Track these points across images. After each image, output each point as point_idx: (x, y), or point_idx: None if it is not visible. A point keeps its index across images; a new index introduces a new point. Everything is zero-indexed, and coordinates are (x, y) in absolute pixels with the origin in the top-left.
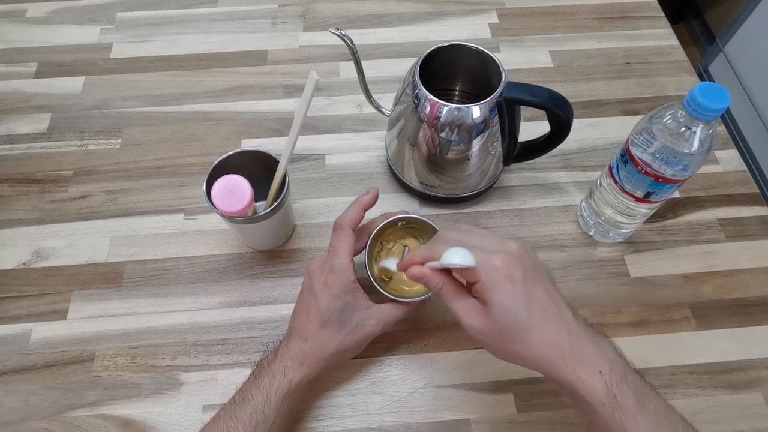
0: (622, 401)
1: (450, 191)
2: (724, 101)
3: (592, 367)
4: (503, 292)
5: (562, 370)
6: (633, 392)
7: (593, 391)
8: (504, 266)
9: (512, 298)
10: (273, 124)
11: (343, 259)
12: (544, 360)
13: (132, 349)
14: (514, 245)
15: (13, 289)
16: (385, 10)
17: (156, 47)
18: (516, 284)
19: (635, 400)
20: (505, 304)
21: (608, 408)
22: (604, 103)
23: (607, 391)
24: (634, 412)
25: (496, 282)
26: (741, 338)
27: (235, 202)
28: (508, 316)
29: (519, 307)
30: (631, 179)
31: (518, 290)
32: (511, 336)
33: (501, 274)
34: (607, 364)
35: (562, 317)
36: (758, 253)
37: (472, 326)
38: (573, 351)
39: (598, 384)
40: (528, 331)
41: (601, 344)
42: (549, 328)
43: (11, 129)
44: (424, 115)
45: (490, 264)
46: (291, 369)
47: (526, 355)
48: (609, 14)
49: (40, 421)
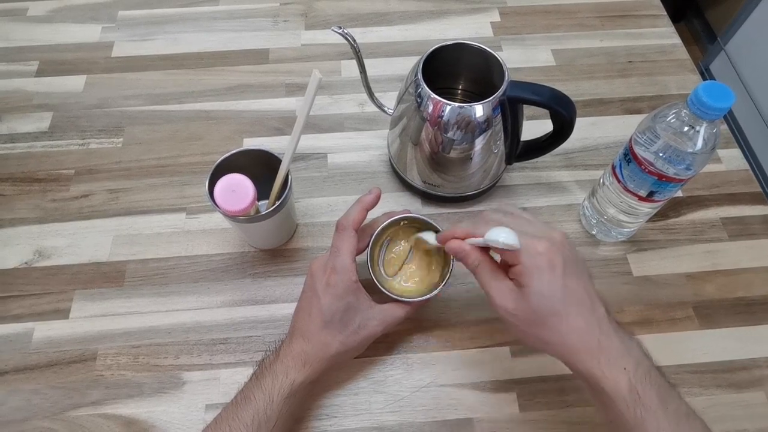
0: (645, 399)
1: (452, 190)
2: (729, 100)
3: (617, 363)
4: (543, 279)
5: (588, 362)
6: (656, 392)
7: (616, 387)
8: (547, 253)
9: (551, 285)
10: (275, 123)
11: (345, 260)
12: (572, 350)
13: (134, 349)
14: (559, 235)
15: (15, 289)
16: (386, 9)
17: (157, 46)
18: (556, 272)
19: (658, 399)
20: (543, 291)
21: (630, 405)
22: (607, 102)
23: (630, 388)
24: (655, 411)
25: (538, 267)
26: (744, 337)
27: (237, 201)
28: (543, 302)
29: (556, 296)
30: (635, 178)
31: (557, 279)
32: (542, 322)
33: (543, 260)
34: (633, 362)
35: (594, 311)
36: (761, 253)
37: (505, 307)
38: (601, 345)
39: (622, 380)
40: (561, 319)
41: (629, 343)
42: (581, 320)
43: (13, 128)
44: (427, 113)
45: (533, 248)
46: (293, 369)
47: (553, 343)
48: (611, 13)
49: (43, 421)
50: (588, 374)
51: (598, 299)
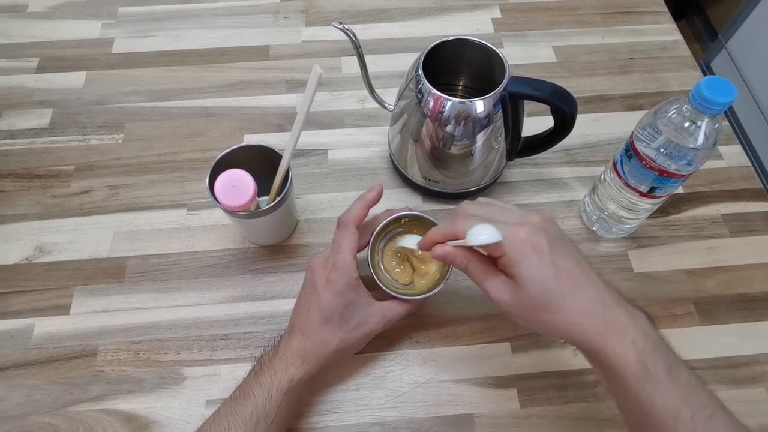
0: (654, 372)
1: (453, 186)
2: (730, 95)
3: (625, 336)
4: (531, 264)
5: (595, 338)
6: (665, 363)
7: (625, 361)
8: (529, 238)
9: (541, 269)
10: (275, 120)
11: (346, 257)
12: (576, 329)
13: (135, 344)
14: (537, 217)
15: (15, 284)
16: (387, 5)
17: (158, 42)
18: (543, 255)
19: (667, 371)
20: (534, 276)
21: (639, 378)
22: (608, 99)
23: (639, 361)
24: (664, 384)
25: (524, 254)
26: (745, 333)
27: (238, 197)
28: (537, 287)
29: (548, 278)
30: (636, 174)
31: (546, 261)
32: (543, 307)
33: (527, 246)
34: (641, 334)
35: (594, 286)
36: (762, 249)
37: (503, 300)
38: (607, 320)
39: (631, 354)
40: (560, 300)
41: (635, 314)
42: (581, 298)
43: (13, 124)
44: (428, 109)
45: (515, 237)
46: (292, 365)
47: (558, 325)
48: (612, 9)
49: (44, 416)
50: (596, 351)
51: (593, 272)
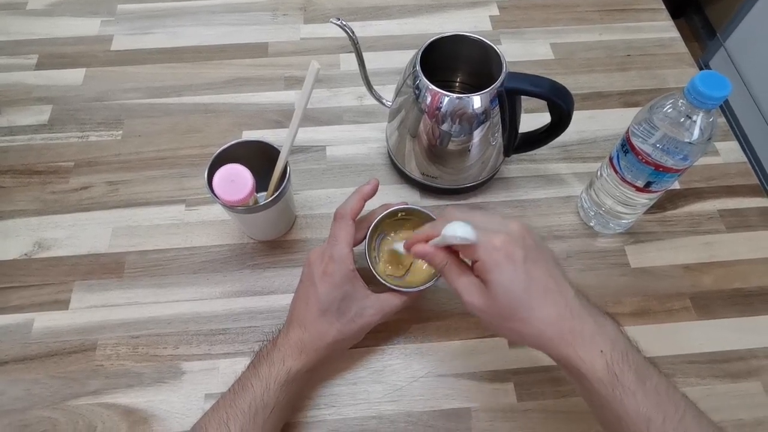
0: (623, 379)
1: (451, 182)
2: (725, 89)
3: (592, 345)
4: (503, 272)
5: (562, 348)
6: (634, 370)
7: (593, 370)
8: (504, 246)
9: (512, 278)
10: (273, 116)
11: (342, 249)
12: (544, 338)
13: (134, 339)
14: (516, 226)
15: (15, 280)
16: (385, 2)
17: (156, 39)
18: (516, 264)
19: (636, 377)
20: (505, 284)
21: (608, 386)
22: (605, 95)
23: (607, 369)
24: (634, 390)
25: (496, 262)
26: (741, 328)
27: (236, 192)
28: (507, 295)
29: (519, 287)
30: (632, 169)
31: (518, 270)
32: (510, 315)
33: (501, 254)
34: (609, 343)
35: (563, 296)
36: (758, 244)
37: (473, 304)
38: (573, 330)
39: (598, 362)
40: (528, 310)
41: (603, 322)
42: (549, 308)
43: (12, 121)
44: (425, 105)
45: (490, 244)
46: (290, 357)
47: (526, 334)
48: (610, 6)
49: (43, 410)
50: (565, 360)
51: (566, 282)
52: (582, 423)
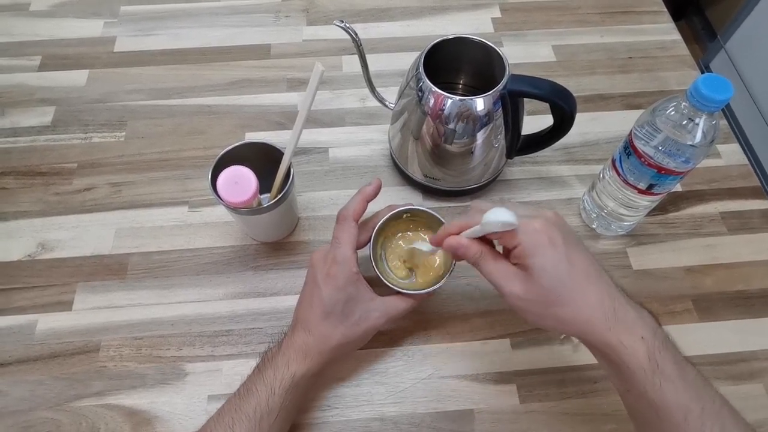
0: (663, 367)
1: (453, 184)
2: (727, 92)
3: (634, 331)
4: (546, 255)
5: (605, 333)
6: (673, 360)
7: (635, 356)
8: (545, 229)
9: (555, 260)
10: (276, 118)
11: (346, 250)
12: (587, 323)
13: (137, 340)
14: (551, 213)
15: (18, 281)
16: (388, 5)
17: (159, 41)
18: (557, 247)
19: (676, 368)
20: (549, 267)
21: (648, 373)
22: (607, 98)
23: (648, 356)
24: (674, 379)
25: (539, 244)
26: (743, 330)
27: (240, 193)
28: (551, 279)
29: (562, 270)
30: (634, 171)
31: (560, 253)
32: (555, 299)
33: (543, 236)
34: (650, 331)
35: (604, 282)
36: (760, 246)
37: (514, 293)
38: (617, 315)
39: (640, 349)
40: (572, 293)
41: (641, 311)
42: (592, 291)
43: (15, 122)
44: (428, 107)
45: (530, 227)
46: (294, 361)
47: (568, 319)
48: (612, 9)
49: (46, 411)
50: (605, 345)
51: (602, 270)
52: (585, 425)
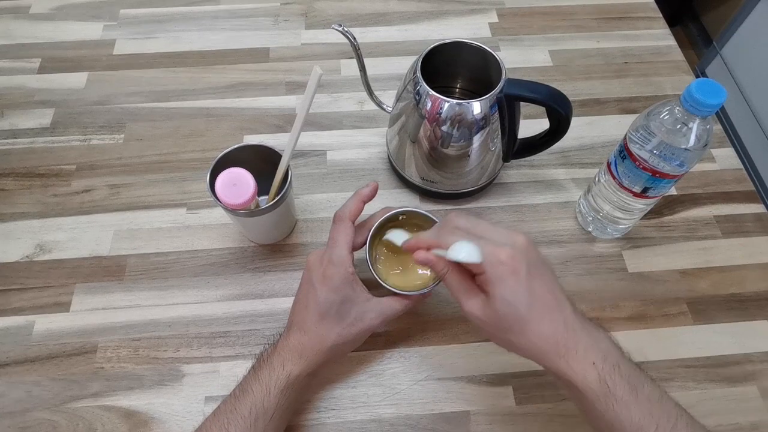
0: (615, 390)
1: (450, 187)
2: (720, 97)
3: (585, 358)
4: (506, 287)
5: (556, 361)
6: (626, 381)
7: (585, 382)
8: (510, 261)
9: (515, 292)
10: (275, 121)
11: (342, 251)
12: (539, 352)
13: (135, 341)
14: (522, 239)
15: (16, 282)
16: (386, 9)
17: (159, 44)
18: (519, 279)
19: (628, 388)
20: (508, 298)
21: (601, 397)
22: (603, 102)
23: (600, 381)
24: (627, 400)
25: (501, 276)
26: (737, 332)
27: (238, 195)
28: (509, 309)
29: (520, 302)
30: (629, 175)
31: (521, 285)
32: (509, 327)
33: (506, 268)
34: (601, 355)
35: (560, 311)
36: (754, 250)
37: (473, 313)
38: (567, 344)
39: (591, 375)
40: (526, 324)
41: (597, 336)
42: (546, 322)
43: (14, 124)
44: (426, 111)
45: (495, 258)
46: (290, 362)
47: (521, 347)
48: (608, 15)
49: (43, 412)
50: (558, 372)
51: (564, 298)
52: (580, 427)
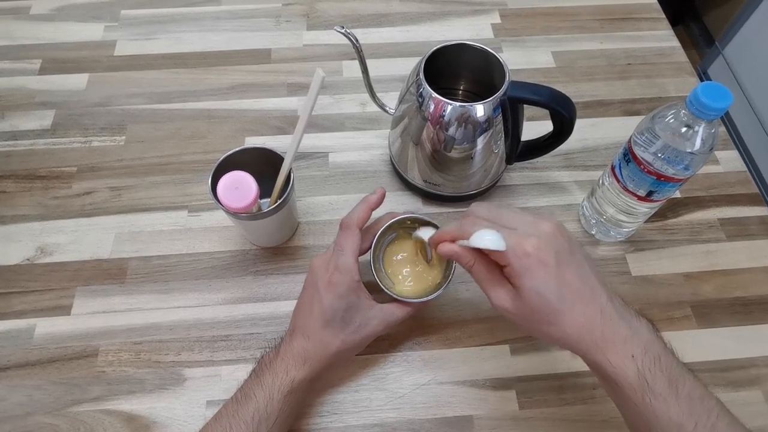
0: (654, 385)
1: (453, 190)
2: (727, 100)
3: (624, 350)
4: (534, 278)
5: (594, 353)
6: (666, 376)
7: (624, 375)
8: (536, 252)
9: (544, 283)
10: (276, 122)
11: (348, 259)
12: (575, 342)
13: (136, 345)
14: (548, 226)
15: (17, 285)
16: (388, 10)
17: (160, 45)
18: (548, 269)
19: (668, 384)
20: (537, 289)
21: (639, 392)
22: (606, 104)
23: (638, 375)
24: (665, 396)
25: (528, 268)
26: (741, 336)
27: (240, 198)
28: (539, 300)
29: (550, 292)
30: (634, 178)
31: (550, 275)
32: (541, 318)
33: (532, 260)
34: (641, 348)
35: (595, 300)
36: (758, 253)
37: (502, 306)
38: (604, 334)
39: (630, 368)
40: (559, 315)
41: (637, 326)
42: (580, 312)
43: (15, 125)
44: (428, 113)
45: (521, 249)
46: (293, 367)
47: (557, 338)
48: (611, 15)
49: (44, 416)
50: (596, 365)
51: (598, 285)
52: (584, 431)
